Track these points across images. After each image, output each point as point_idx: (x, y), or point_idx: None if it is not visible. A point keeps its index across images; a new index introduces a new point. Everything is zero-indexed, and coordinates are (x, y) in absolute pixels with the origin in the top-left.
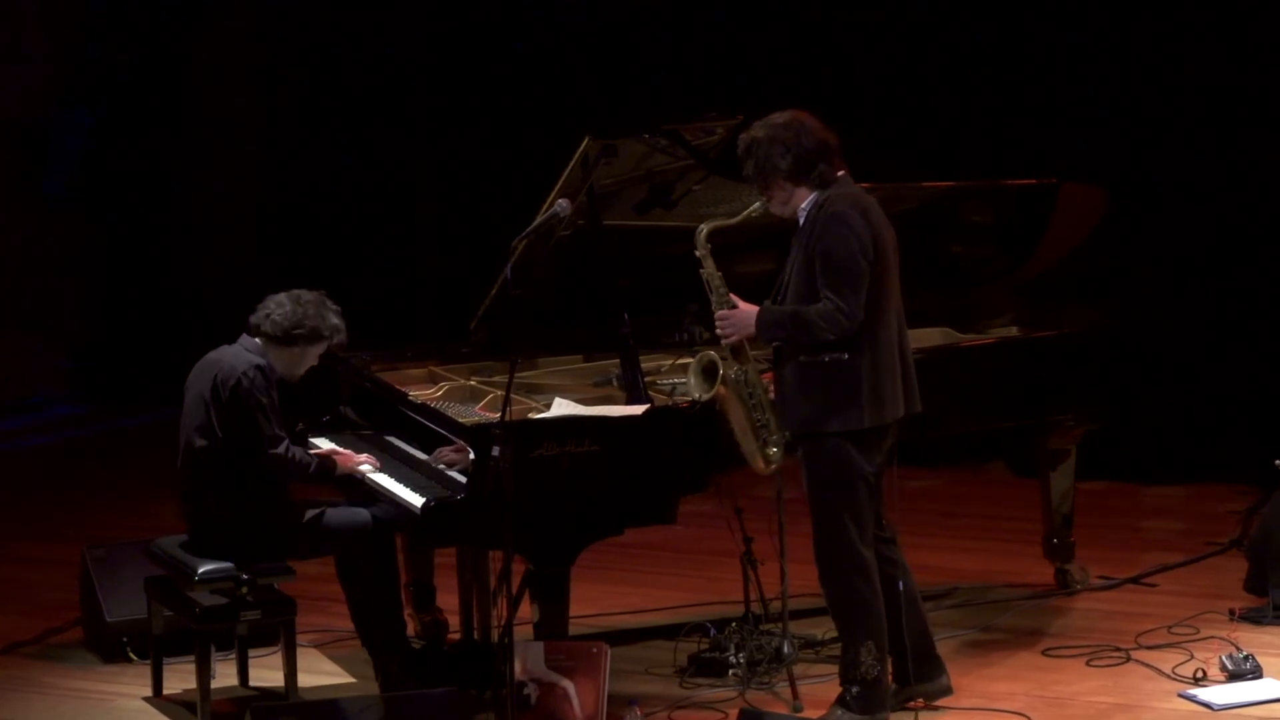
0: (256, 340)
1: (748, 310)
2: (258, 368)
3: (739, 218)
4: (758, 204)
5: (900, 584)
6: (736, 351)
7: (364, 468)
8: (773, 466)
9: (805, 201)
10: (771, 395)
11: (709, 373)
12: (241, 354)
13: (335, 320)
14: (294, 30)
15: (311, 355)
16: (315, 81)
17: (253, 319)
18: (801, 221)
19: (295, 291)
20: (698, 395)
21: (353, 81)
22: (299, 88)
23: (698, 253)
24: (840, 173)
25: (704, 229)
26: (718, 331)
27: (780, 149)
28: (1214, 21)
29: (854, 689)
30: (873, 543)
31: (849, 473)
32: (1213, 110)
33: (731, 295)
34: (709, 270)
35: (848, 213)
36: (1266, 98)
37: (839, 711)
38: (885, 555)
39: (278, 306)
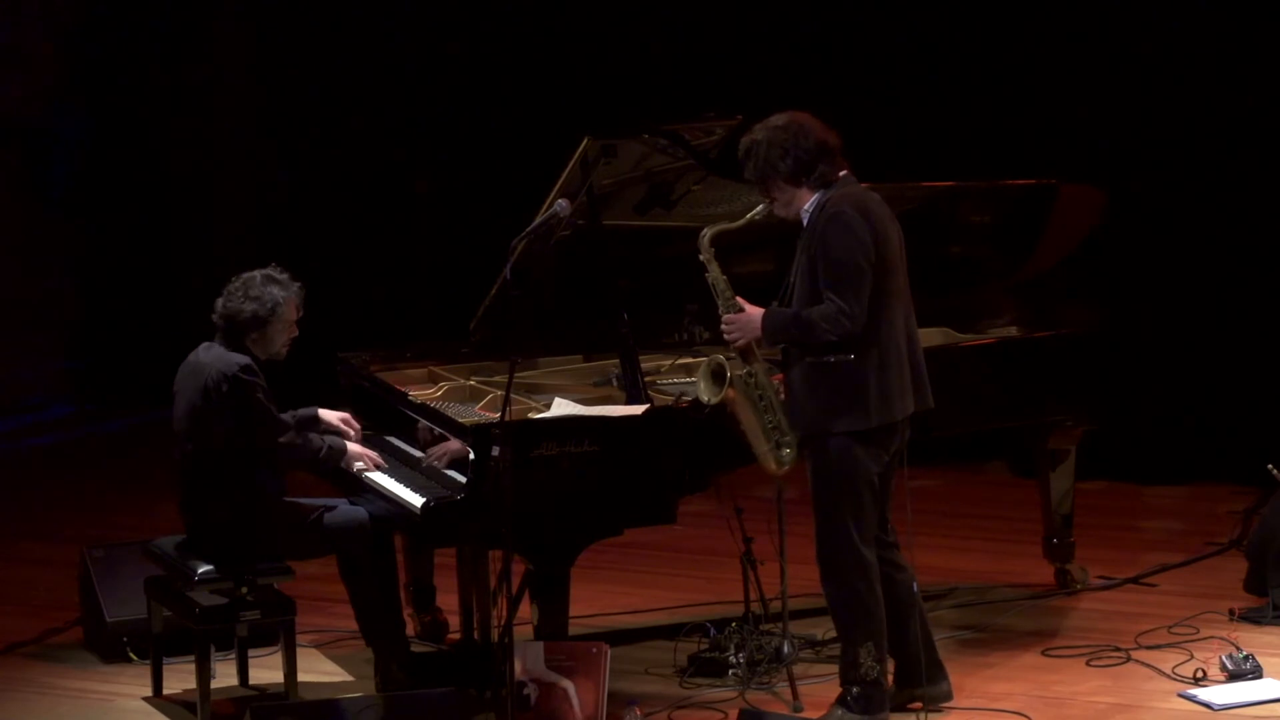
0: None
1: (753, 313)
2: (246, 365)
3: (742, 221)
4: (761, 206)
5: (911, 585)
6: (744, 354)
7: (361, 465)
8: (785, 468)
9: (808, 203)
10: (782, 397)
11: (717, 376)
12: (225, 354)
13: (274, 289)
14: (294, 30)
15: (275, 330)
16: (315, 82)
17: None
18: (805, 223)
19: (233, 281)
20: (707, 399)
21: (353, 82)
22: (299, 88)
23: (702, 257)
24: (842, 172)
25: (708, 233)
26: (725, 335)
27: (779, 151)
28: (1213, 22)
29: (854, 689)
30: (874, 545)
31: (853, 473)
32: (1212, 110)
33: (738, 299)
34: (714, 274)
35: (847, 213)
36: (1266, 98)
37: (839, 711)
38: (888, 559)
39: (220, 304)
